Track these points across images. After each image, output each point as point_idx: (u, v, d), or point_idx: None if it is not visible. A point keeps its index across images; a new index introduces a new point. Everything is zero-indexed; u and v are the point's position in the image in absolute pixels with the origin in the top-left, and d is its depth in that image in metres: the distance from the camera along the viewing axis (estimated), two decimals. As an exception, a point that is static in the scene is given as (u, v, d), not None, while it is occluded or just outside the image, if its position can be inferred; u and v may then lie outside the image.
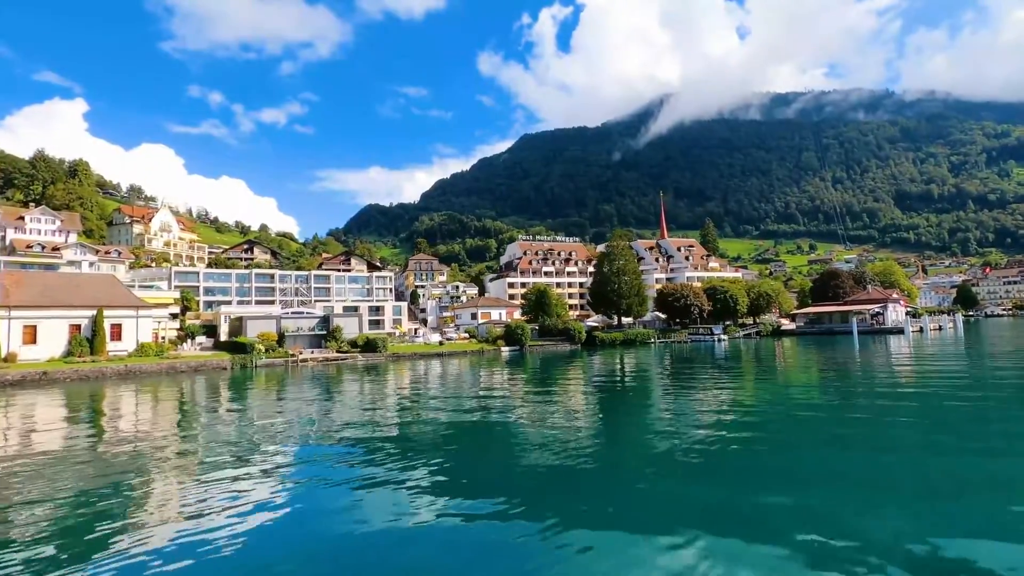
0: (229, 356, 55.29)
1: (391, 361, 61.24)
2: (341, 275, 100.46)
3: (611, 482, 13.13)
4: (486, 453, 17.38)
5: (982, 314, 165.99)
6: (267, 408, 29.71)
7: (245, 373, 51.47)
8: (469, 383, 39.02)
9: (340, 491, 13.01)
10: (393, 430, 21.51)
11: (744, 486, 12.32)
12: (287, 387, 39.43)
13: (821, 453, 15.88)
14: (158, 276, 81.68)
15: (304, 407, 29.35)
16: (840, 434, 18.51)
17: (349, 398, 32.40)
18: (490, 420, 23.31)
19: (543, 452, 16.50)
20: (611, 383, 37.58)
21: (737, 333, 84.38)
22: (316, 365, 57.15)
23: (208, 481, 14.18)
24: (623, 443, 18.43)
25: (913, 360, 45.82)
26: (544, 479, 13.65)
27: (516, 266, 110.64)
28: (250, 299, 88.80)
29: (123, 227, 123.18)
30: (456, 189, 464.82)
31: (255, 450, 18.00)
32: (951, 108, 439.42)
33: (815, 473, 13.65)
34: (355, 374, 47.28)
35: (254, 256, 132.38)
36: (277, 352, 58.70)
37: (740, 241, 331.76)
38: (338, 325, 64.79)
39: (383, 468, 15.04)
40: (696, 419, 21.79)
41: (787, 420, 21.65)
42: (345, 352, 61.84)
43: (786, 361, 49.28)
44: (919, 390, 28.41)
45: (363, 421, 23.81)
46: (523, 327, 70.72)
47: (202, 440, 20.45)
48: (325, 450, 17.75)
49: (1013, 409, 22.82)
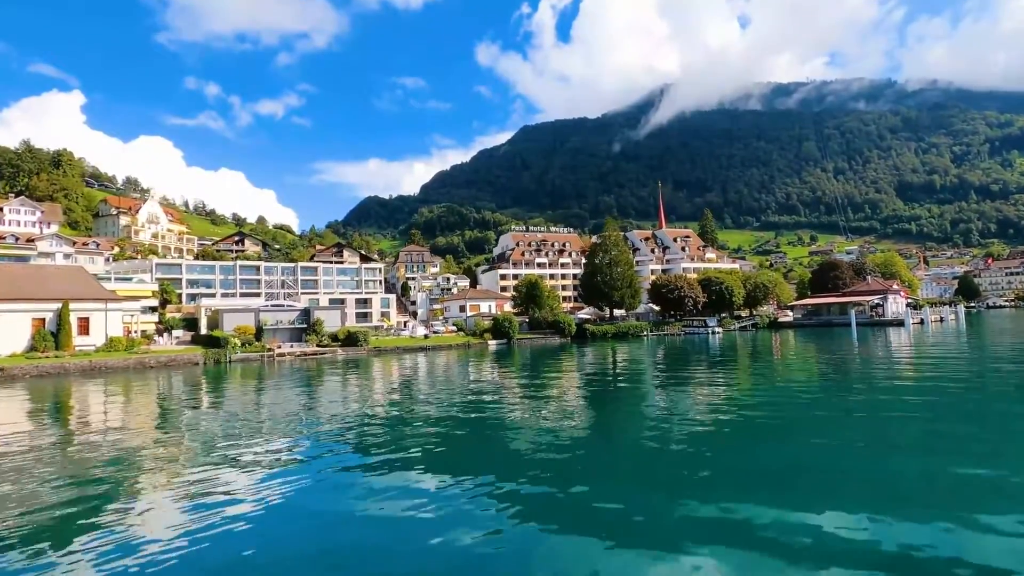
0: (202, 351, 53.30)
1: (373, 356, 59.19)
2: (329, 267, 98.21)
3: (598, 491, 12.04)
4: (462, 463, 15.31)
5: (984, 305, 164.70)
6: (220, 410, 27.71)
7: (218, 369, 49.50)
8: (449, 381, 37.00)
9: (298, 509, 11.49)
10: (357, 437, 19.45)
11: (731, 494, 11.35)
12: (254, 384, 37.47)
13: (809, 462, 13.85)
14: (139, 268, 79.54)
15: (261, 409, 27.36)
16: (830, 443, 16.45)
17: (315, 400, 30.35)
18: (467, 424, 21.26)
19: (523, 466, 14.64)
20: (597, 381, 35.54)
21: (733, 325, 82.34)
22: (293, 360, 55.19)
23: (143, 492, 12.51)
24: (607, 449, 16.42)
25: (913, 355, 43.70)
26: (526, 492, 12.03)
27: (508, 257, 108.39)
28: (235, 291, 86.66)
29: (109, 218, 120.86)
30: (456, 181, 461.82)
31: (198, 457, 16.18)
32: (953, 98, 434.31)
33: (803, 478, 12.48)
34: (332, 370, 45.29)
35: (245, 248, 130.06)
36: (254, 346, 56.69)
37: (741, 232, 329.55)
38: (319, 318, 62.74)
39: (351, 476, 13.44)
40: (680, 422, 19.79)
41: (775, 424, 19.57)
42: (325, 346, 59.83)
43: (779, 356, 47.24)
44: (919, 393, 26.34)
45: (321, 430, 21.77)
46: (511, 319, 68.60)
47: (143, 445, 18.41)
48: (273, 469, 15.70)
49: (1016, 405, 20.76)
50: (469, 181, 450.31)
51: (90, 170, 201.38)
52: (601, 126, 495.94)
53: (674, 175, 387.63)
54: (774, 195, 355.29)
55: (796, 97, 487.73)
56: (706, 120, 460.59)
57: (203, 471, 14.53)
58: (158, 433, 21.06)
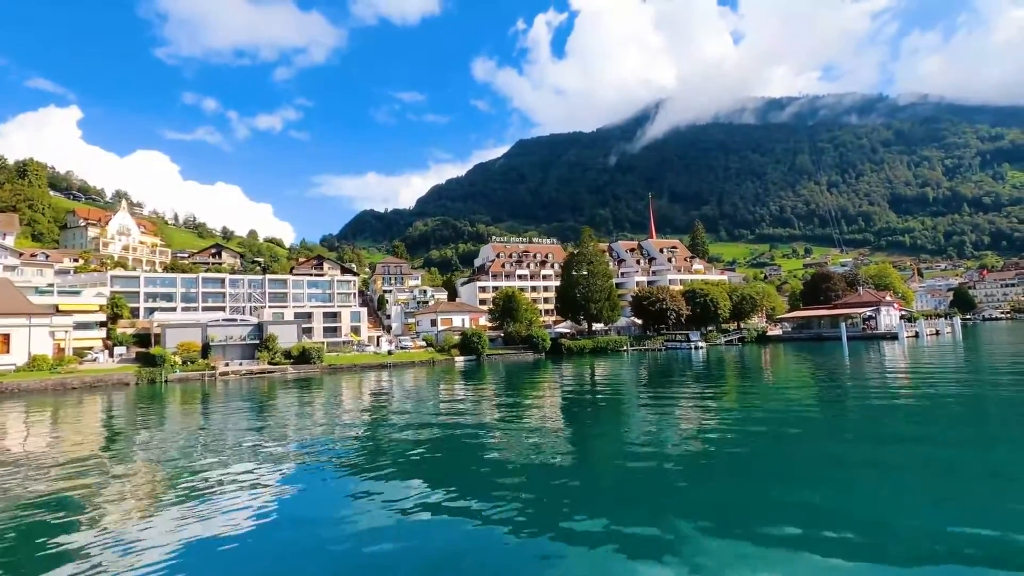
0: (135, 369, 49.02)
1: (326, 374, 54.93)
2: (300, 279, 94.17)
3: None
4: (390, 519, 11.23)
5: (980, 317, 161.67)
6: (106, 444, 23.47)
7: (152, 389, 45.23)
8: (400, 405, 32.72)
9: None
10: (237, 484, 15.32)
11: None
12: (176, 409, 33.37)
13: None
14: (94, 281, 75.35)
15: (148, 444, 23.17)
16: (809, 499, 12.46)
17: (220, 433, 26.15)
18: (402, 464, 17.15)
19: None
20: (564, 405, 31.34)
21: (719, 339, 78.24)
22: (238, 379, 50.93)
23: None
24: (560, 492, 12.35)
25: (910, 374, 39.64)
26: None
27: (488, 269, 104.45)
28: (197, 305, 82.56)
29: (77, 230, 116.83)
30: (452, 194, 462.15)
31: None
32: (944, 111, 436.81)
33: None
34: (273, 392, 41.11)
35: (222, 261, 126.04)
36: (196, 364, 52.42)
37: (735, 245, 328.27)
38: (272, 334, 58.53)
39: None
40: (640, 457, 15.74)
41: (741, 456, 15.56)
42: (276, 364, 55.55)
43: (768, 370, 43.27)
44: (919, 430, 22.39)
45: (217, 475, 17.64)
46: (480, 334, 64.39)
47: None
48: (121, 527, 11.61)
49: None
50: (465, 194, 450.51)
51: (78, 183, 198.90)
52: (597, 139, 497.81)
53: (670, 188, 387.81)
54: (769, 208, 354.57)
55: (789, 111, 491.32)
56: (701, 133, 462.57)
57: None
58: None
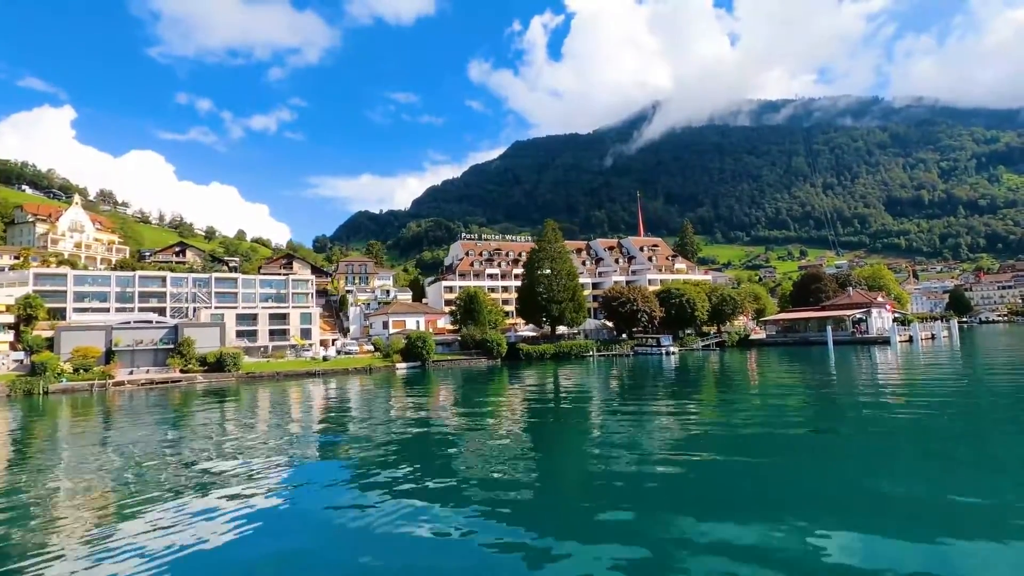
0: (12, 379, 42.59)
1: (242, 383, 48.50)
2: (251, 279, 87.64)
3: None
4: None
5: (977, 320, 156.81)
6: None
7: (28, 403, 38.87)
8: (308, 427, 26.37)
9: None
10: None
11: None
12: (33, 430, 26.96)
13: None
14: (10, 280, 68.83)
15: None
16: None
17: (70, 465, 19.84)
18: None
19: None
20: (514, 426, 25.17)
21: (696, 344, 72.00)
22: (136, 390, 44.53)
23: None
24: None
25: (902, 393, 33.53)
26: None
27: (455, 268, 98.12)
28: (133, 306, 76.09)
29: (25, 226, 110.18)
30: (448, 196, 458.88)
31: None
32: (939, 114, 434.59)
33: None
34: (175, 405, 34.98)
35: (186, 259, 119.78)
36: (90, 373, 45.99)
37: (731, 247, 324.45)
38: (188, 337, 52.09)
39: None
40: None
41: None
42: (187, 371, 49.14)
43: (729, 386, 37.09)
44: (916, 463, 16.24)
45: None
46: (425, 338, 58.02)
47: None
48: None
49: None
50: (461, 196, 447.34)
51: (60, 181, 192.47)
52: (593, 141, 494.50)
53: (665, 189, 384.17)
54: (764, 210, 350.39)
55: (784, 113, 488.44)
56: (697, 135, 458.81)
57: None
58: None
